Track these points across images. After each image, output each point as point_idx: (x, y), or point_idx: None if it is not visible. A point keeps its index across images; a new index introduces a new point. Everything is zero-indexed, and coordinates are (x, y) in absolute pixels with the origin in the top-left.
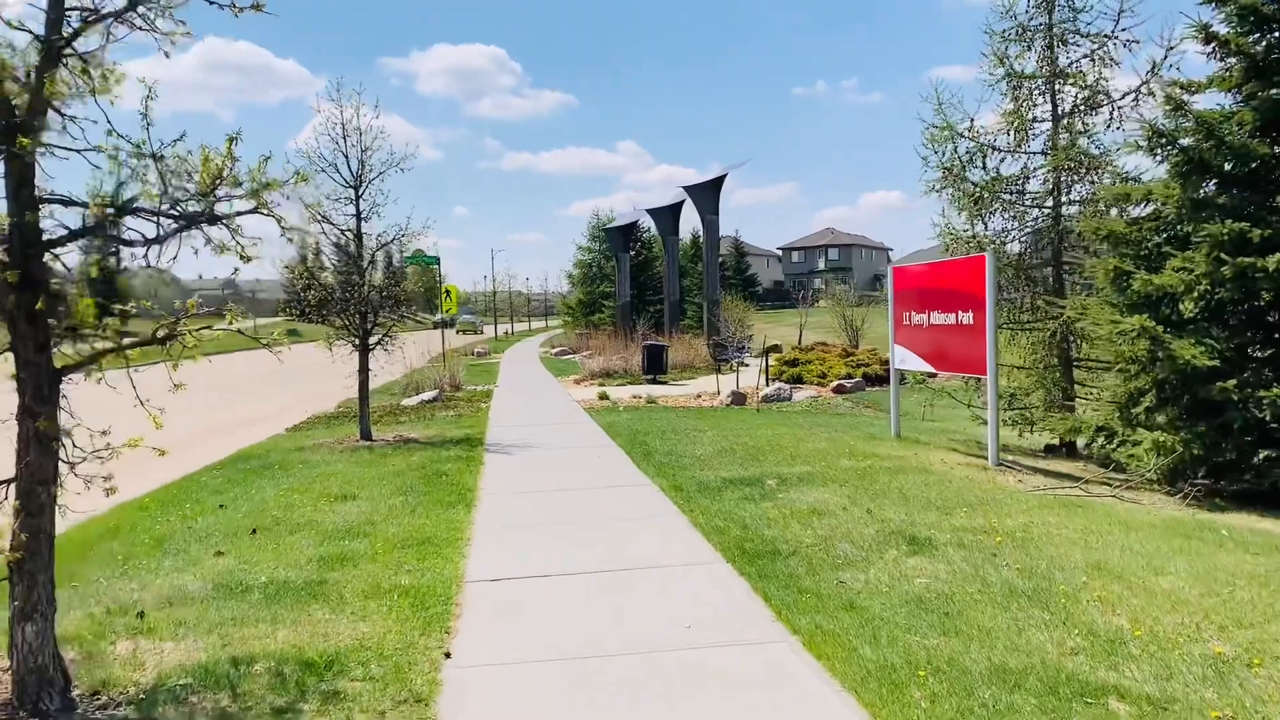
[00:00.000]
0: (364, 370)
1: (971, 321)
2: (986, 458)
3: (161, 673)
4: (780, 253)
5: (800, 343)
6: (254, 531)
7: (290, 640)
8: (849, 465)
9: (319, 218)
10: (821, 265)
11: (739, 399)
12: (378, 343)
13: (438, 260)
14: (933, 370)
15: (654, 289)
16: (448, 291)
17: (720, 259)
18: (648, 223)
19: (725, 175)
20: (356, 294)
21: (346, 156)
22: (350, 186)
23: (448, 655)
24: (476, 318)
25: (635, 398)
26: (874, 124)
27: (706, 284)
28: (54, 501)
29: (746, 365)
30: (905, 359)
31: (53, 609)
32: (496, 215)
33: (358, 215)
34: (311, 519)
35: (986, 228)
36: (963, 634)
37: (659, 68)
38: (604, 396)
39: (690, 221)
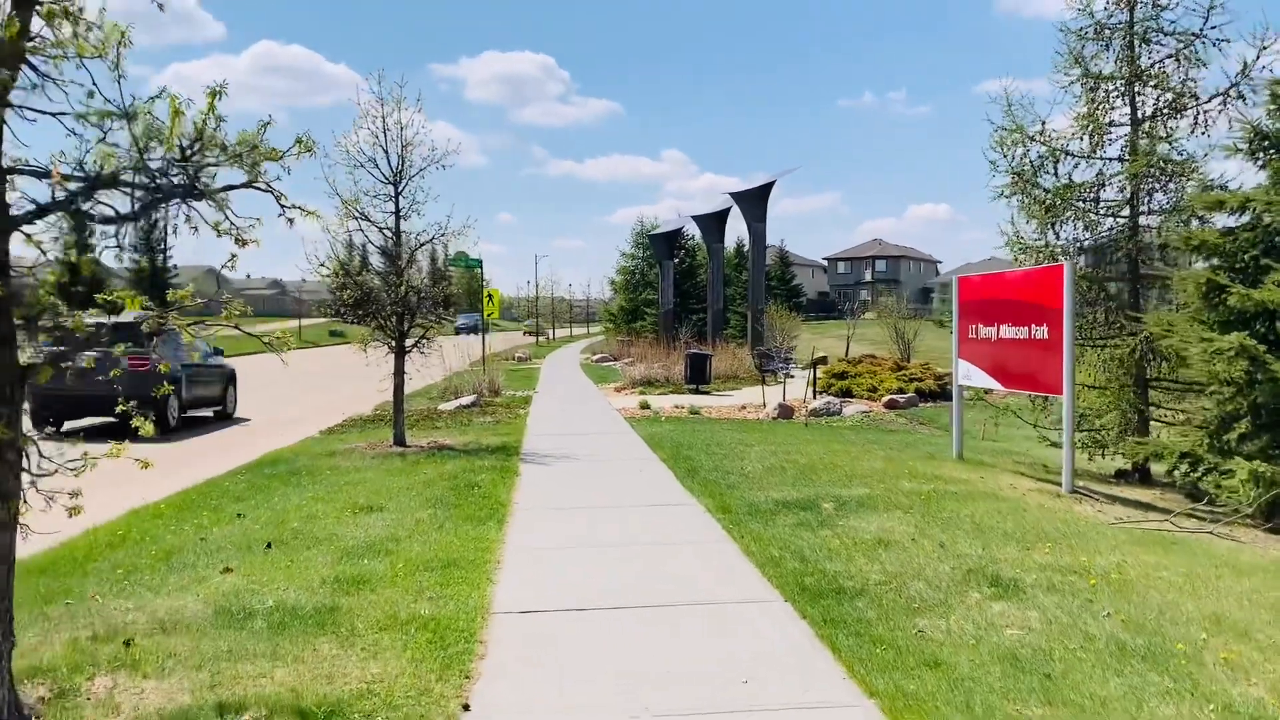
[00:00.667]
0: (399, 374)
1: (1046, 336)
2: (1058, 483)
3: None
4: (826, 263)
5: (847, 354)
6: (269, 546)
7: (288, 682)
8: (911, 488)
9: (357, 214)
10: (868, 277)
11: (786, 412)
12: (414, 345)
13: (480, 263)
14: (1001, 387)
15: (697, 297)
16: (489, 295)
17: (765, 268)
18: (692, 230)
19: (773, 182)
20: (394, 294)
21: (386, 151)
22: (389, 183)
23: (466, 708)
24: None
25: (678, 408)
26: (922, 137)
27: (751, 293)
28: (15, 520)
29: (792, 376)
30: (970, 375)
31: (10, 644)
32: (540, 222)
33: (396, 213)
34: (332, 532)
35: (1059, 236)
36: (1072, 704)
37: (705, 77)
38: (645, 406)
39: (734, 230)
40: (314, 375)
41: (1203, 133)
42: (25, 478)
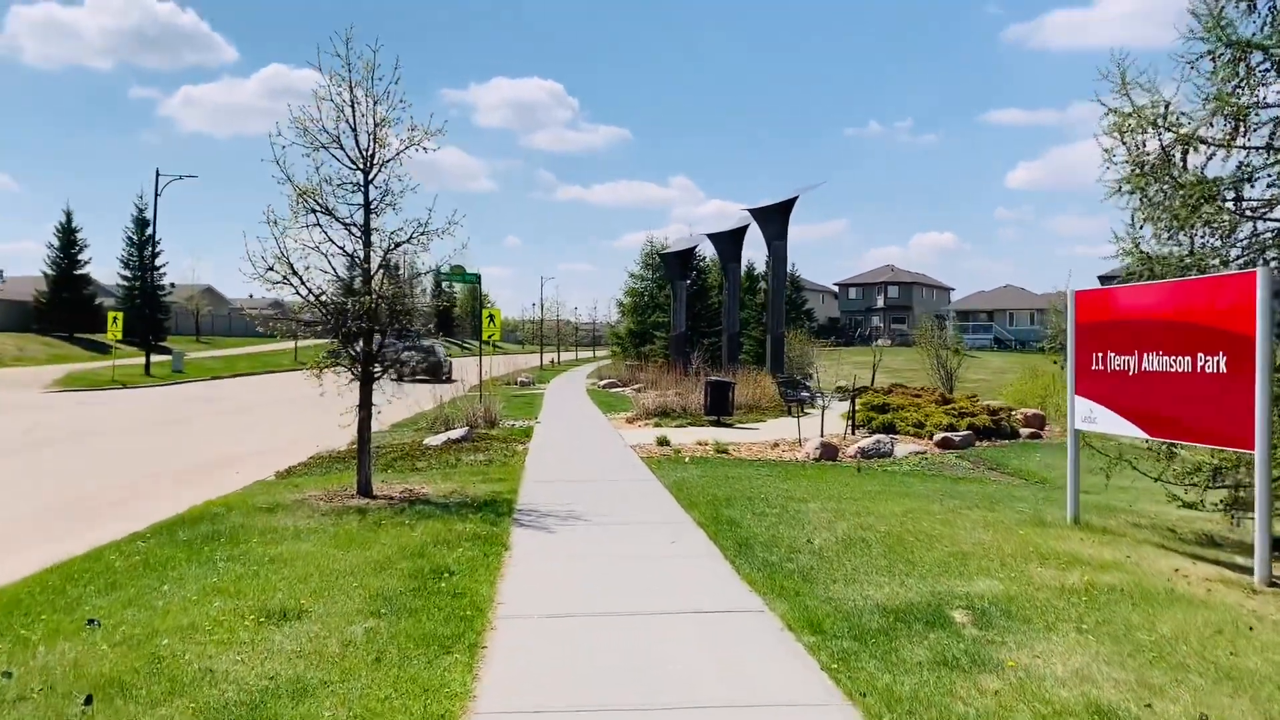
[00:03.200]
0: (365, 405)
1: (1224, 369)
2: (1230, 564)
3: None
4: (836, 289)
5: (873, 384)
6: (89, 701)
7: None
8: (1053, 580)
9: (316, 206)
10: (880, 303)
11: (829, 452)
12: (383, 371)
13: (478, 278)
14: (1142, 435)
15: (708, 320)
16: (490, 316)
17: (785, 289)
18: (704, 251)
19: (795, 199)
20: (359, 306)
21: (354, 128)
22: (357, 168)
23: None
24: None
25: (701, 444)
26: (928, 165)
27: (771, 315)
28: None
29: (816, 408)
30: (1094, 417)
31: None
32: (547, 246)
33: (366, 206)
34: (209, 666)
35: (1194, 242)
36: None
37: (712, 105)
38: (664, 442)
39: (748, 251)
40: (301, 401)
41: None
42: None
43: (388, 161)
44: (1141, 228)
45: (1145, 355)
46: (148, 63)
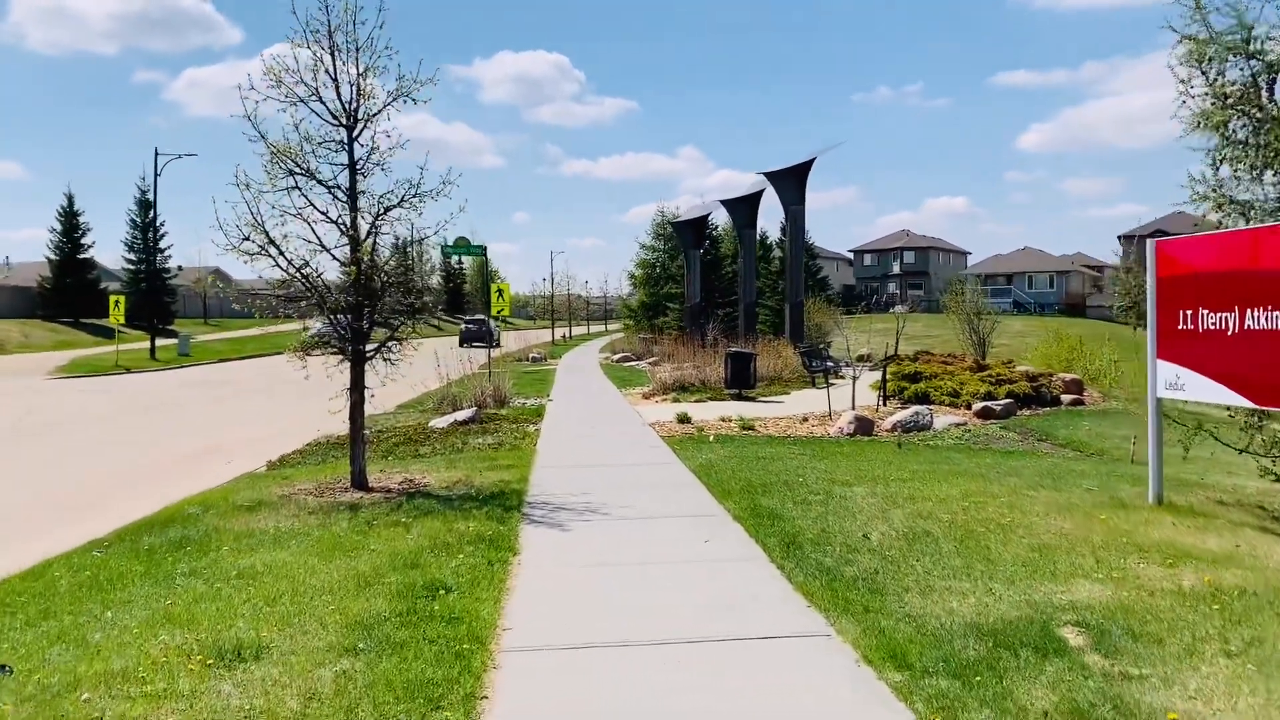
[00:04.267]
0: (358, 389)
1: None
2: None
3: None
4: (851, 255)
5: (896, 351)
6: None
7: None
8: (1165, 582)
9: (295, 168)
10: (896, 269)
11: (864, 426)
12: (376, 350)
13: (484, 250)
14: (1246, 403)
15: (722, 291)
16: (499, 290)
17: (803, 256)
18: (717, 219)
19: (813, 160)
20: (351, 279)
21: (335, 78)
22: (339, 124)
23: None
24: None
25: (724, 420)
26: (939, 129)
27: (790, 282)
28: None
29: (842, 377)
30: (1181, 382)
31: None
32: (555, 221)
33: (351, 166)
34: None
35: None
36: None
37: (719, 74)
38: (684, 419)
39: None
40: (305, 383)
41: None
42: None
43: (374, 115)
44: (1218, 169)
45: (1250, 311)
46: (152, 46)
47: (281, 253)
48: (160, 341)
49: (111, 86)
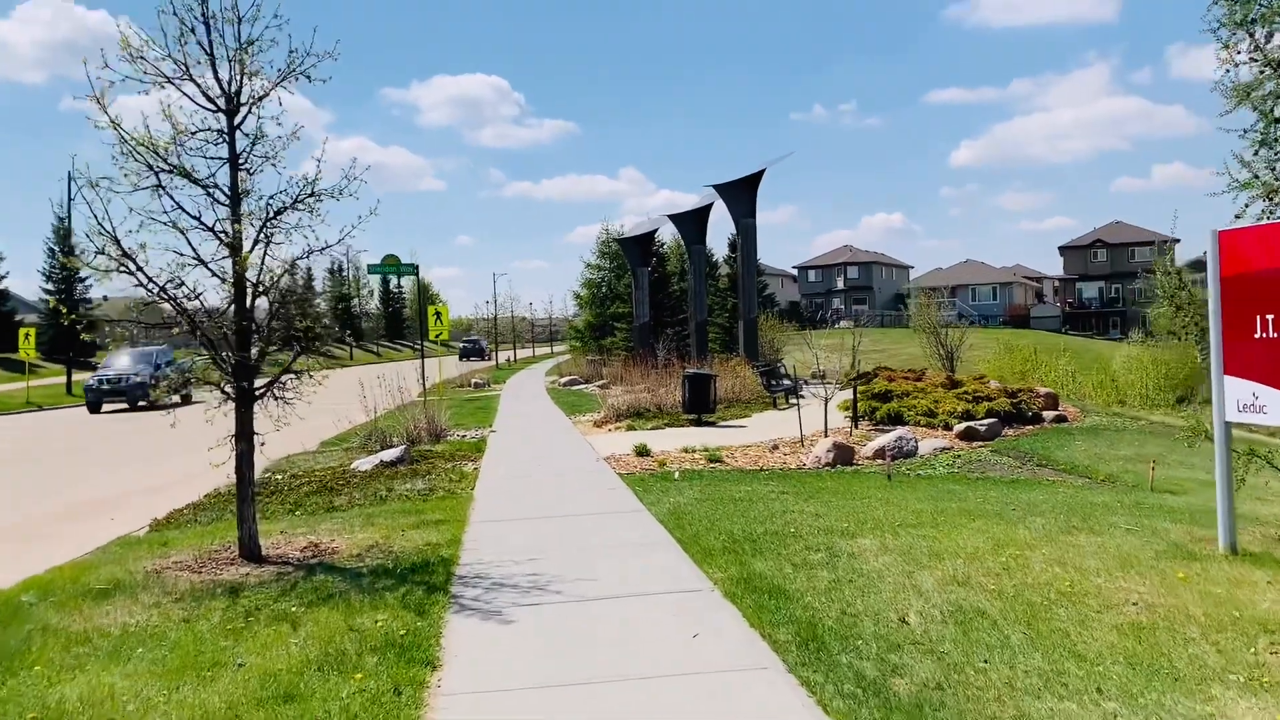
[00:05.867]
0: (245, 435)
1: None
2: None
3: None
4: (795, 272)
5: (855, 367)
6: None
7: None
8: None
9: (163, 162)
10: (840, 285)
11: (844, 454)
12: (267, 389)
13: (415, 270)
14: None
15: (670, 309)
16: (436, 313)
17: (756, 270)
18: (663, 235)
19: (763, 171)
20: (231, 299)
21: (211, 54)
22: (217, 109)
23: None
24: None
25: (687, 451)
26: (873, 147)
27: (743, 297)
28: None
29: (802, 397)
30: (1262, 403)
31: None
32: (499, 244)
33: (232, 160)
34: None
35: None
36: None
37: (657, 95)
38: (643, 451)
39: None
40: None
41: None
42: None
43: (261, 99)
44: (1257, 152)
45: None
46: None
47: (139, 267)
48: (79, 376)
49: (37, 115)
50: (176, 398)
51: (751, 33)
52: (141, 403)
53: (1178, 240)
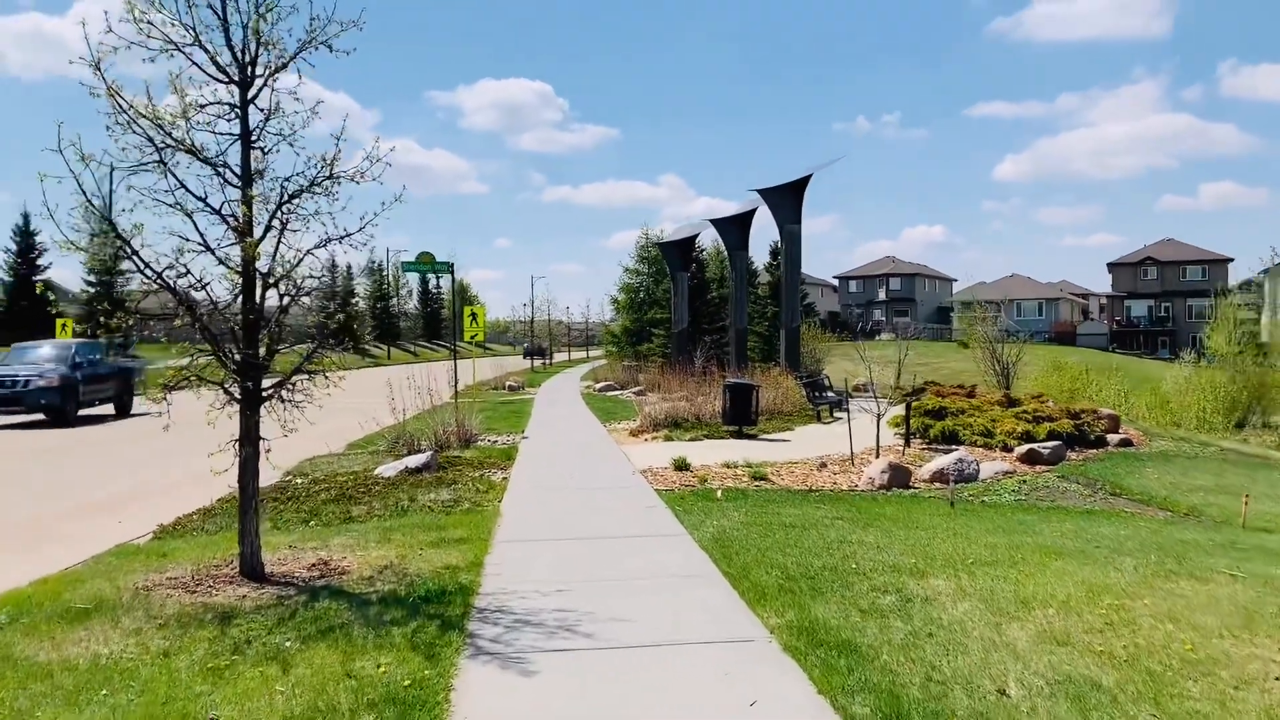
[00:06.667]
0: (250, 440)
1: None
2: None
3: None
4: (835, 282)
5: (898, 381)
6: None
7: None
8: None
9: (167, 139)
10: (882, 295)
11: (899, 476)
12: (274, 390)
13: (450, 267)
14: None
15: (709, 317)
16: (472, 314)
17: (800, 277)
18: (704, 241)
19: (809, 177)
20: (238, 288)
21: (224, 19)
22: (230, 80)
23: None
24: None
25: (729, 466)
26: (916, 159)
27: (785, 305)
28: None
29: (847, 411)
30: None
31: None
32: (537, 247)
33: (244, 136)
34: None
35: None
36: None
37: (702, 101)
38: (682, 465)
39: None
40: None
41: None
42: None
43: (279, 70)
44: None
45: None
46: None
47: (135, 252)
48: None
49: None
50: (110, 407)
51: (795, 42)
52: (40, 415)
53: (1231, 259)
